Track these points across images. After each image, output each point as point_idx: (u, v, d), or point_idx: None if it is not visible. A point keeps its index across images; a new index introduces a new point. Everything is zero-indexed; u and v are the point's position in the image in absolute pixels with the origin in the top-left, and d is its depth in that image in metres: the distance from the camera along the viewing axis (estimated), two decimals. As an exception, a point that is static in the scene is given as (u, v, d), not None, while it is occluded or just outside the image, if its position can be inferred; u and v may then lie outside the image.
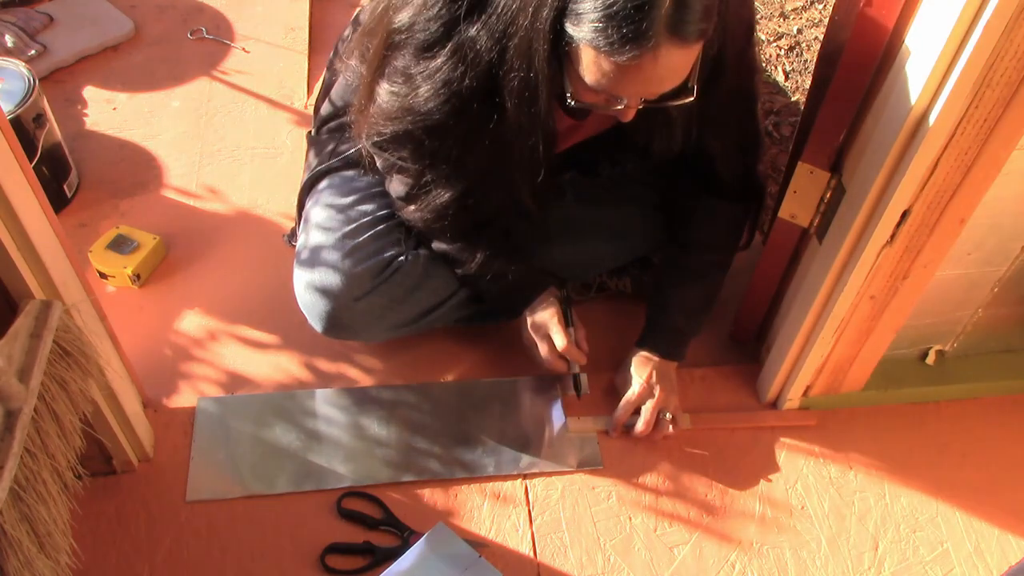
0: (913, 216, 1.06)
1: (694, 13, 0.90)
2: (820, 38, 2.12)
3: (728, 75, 1.11)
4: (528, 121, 1.04)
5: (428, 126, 1.09)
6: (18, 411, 0.89)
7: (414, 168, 1.18)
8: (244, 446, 1.31)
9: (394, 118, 1.11)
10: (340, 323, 1.29)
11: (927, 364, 1.42)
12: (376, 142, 1.17)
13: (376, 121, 1.14)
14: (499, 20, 0.97)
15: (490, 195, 1.19)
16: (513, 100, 1.03)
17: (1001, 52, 0.88)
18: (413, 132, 1.11)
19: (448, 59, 1.03)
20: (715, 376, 1.44)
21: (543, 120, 1.05)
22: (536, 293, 1.32)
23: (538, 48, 0.96)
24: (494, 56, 1.00)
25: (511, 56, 0.99)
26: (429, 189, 1.18)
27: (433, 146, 1.12)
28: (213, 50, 2.02)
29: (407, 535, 1.22)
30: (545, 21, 0.93)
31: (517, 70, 0.99)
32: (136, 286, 1.52)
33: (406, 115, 1.09)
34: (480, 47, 1.00)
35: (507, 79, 1.01)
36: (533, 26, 0.95)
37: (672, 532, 1.26)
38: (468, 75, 1.02)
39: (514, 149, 1.09)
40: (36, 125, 1.54)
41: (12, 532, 0.86)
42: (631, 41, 0.89)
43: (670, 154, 1.20)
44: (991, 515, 1.30)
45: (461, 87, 1.04)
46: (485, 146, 1.10)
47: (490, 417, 1.36)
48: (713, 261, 1.36)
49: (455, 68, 1.03)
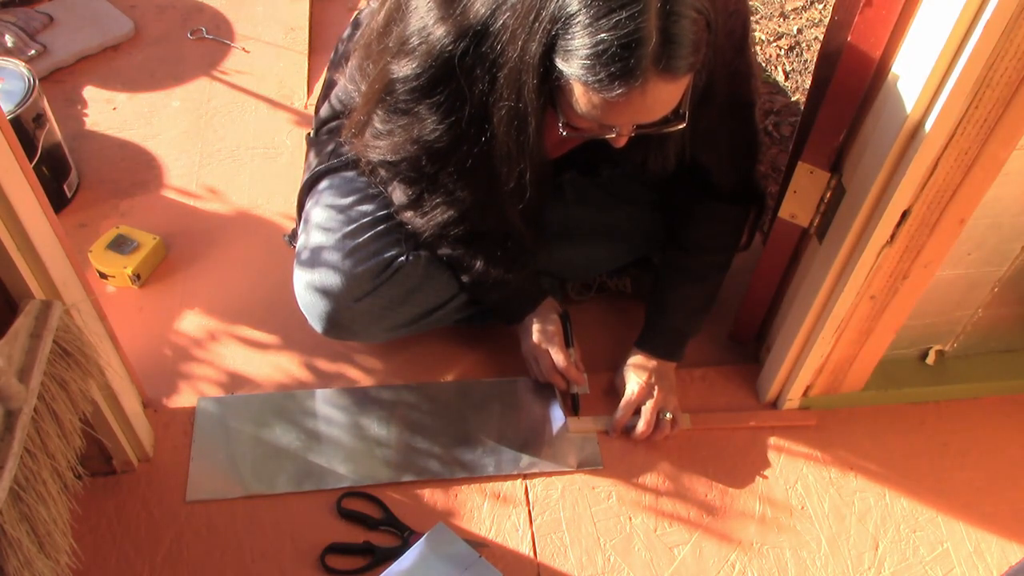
0: (913, 216, 1.06)
1: (682, 49, 0.90)
2: (820, 38, 2.12)
3: (719, 93, 1.11)
4: (516, 149, 1.06)
5: (431, 153, 1.11)
6: (18, 411, 0.89)
7: (414, 182, 1.19)
8: (244, 446, 1.31)
9: (400, 146, 1.13)
10: (340, 323, 1.29)
11: (927, 364, 1.42)
12: (379, 163, 1.19)
13: (378, 148, 1.16)
14: (491, 50, 0.98)
15: (487, 215, 1.20)
16: (502, 128, 1.04)
17: (1001, 52, 0.88)
18: (416, 157, 1.13)
19: (451, 94, 1.04)
20: (715, 376, 1.44)
21: (531, 148, 1.06)
22: (535, 303, 1.34)
23: (527, 81, 0.97)
24: (486, 85, 1.01)
25: (500, 86, 1.00)
26: (428, 201, 1.20)
27: (434, 168, 1.15)
28: (213, 50, 2.02)
29: (407, 535, 1.22)
30: (534, 56, 0.94)
31: (506, 99, 1.00)
32: (136, 286, 1.52)
33: (411, 145, 1.12)
34: (475, 75, 1.01)
35: (496, 107, 1.02)
36: (522, 59, 0.95)
37: (672, 532, 1.26)
38: (467, 104, 1.04)
39: (502, 175, 1.10)
40: (36, 125, 1.54)
41: (12, 532, 0.86)
42: (619, 79, 0.90)
43: (665, 173, 1.20)
44: (991, 515, 1.30)
45: (462, 115, 1.05)
46: (480, 169, 1.11)
47: (490, 417, 1.36)
48: (712, 262, 1.36)
49: (455, 99, 1.04)
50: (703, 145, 1.19)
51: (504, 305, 1.36)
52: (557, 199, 1.36)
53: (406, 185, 1.21)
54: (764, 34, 2.18)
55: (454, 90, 1.04)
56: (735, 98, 1.18)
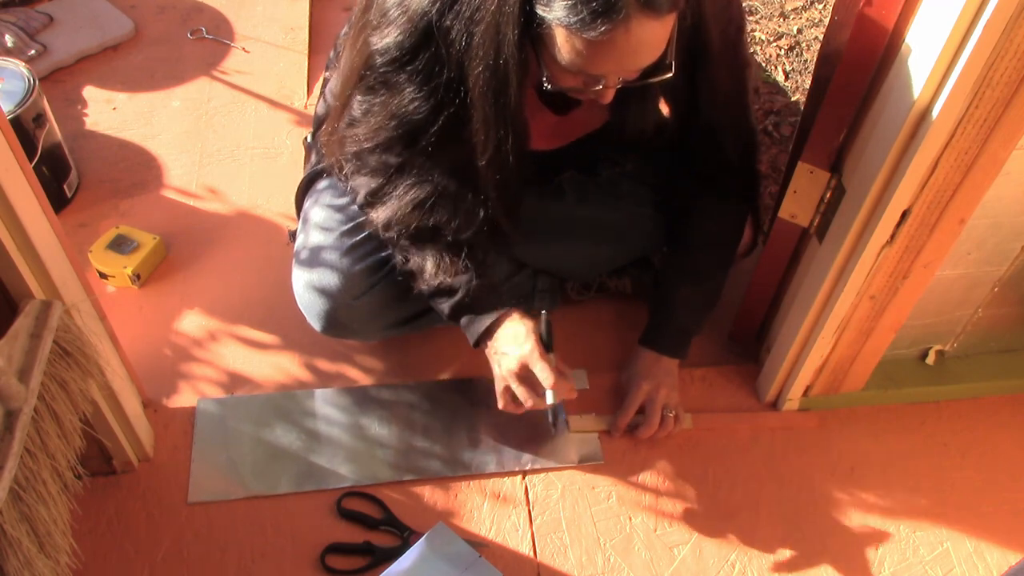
0: (913, 216, 1.06)
1: None
2: (820, 38, 2.12)
3: (712, 42, 1.09)
4: (495, 112, 1.02)
5: (411, 127, 1.08)
6: (18, 411, 0.89)
7: (382, 171, 1.15)
8: (244, 446, 1.31)
9: (378, 128, 1.10)
10: (339, 322, 1.29)
11: (927, 364, 1.42)
12: (356, 152, 1.16)
13: (354, 136, 1.13)
14: (467, 7, 0.96)
15: (460, 198, 1.15)
16: (479, 90, 1.01)
17: (1001, 52, 0.88)
18: (390, 139, 1.10)
19: (430, 58, 1.02)
20: (715, 376, 1.44)
21: (513, 111, 1.02)
22: (492, 314, 1.20)
23: (507, 33, 0.95)
24: (463, 44, 0.99)
25: (477, 43, 0.97)
26: (396, 186, 1.15)
27: (408, 150, 1.11)
28: (213, 50, 2.02)
29: (407, 535, 1.22)
30: (514, 5, 0.93)
31: (483, 58, 0.98)
32: (136, 286, 1.52)
33: (390, 121, 1.08)
34: (452, 36, 0.99)
35: (473, 68, 0.99)
36: (501, 11, 0.93)
37: (672, 532, 1.26)
38: (446, 68, 1.02)
39: (479, 144, 1.06)
40: (36, 125, 1.54)
41: (12, 532, 0.86)
42: (602, 15, 0.89)
43: (643, 136, 1.18)
44: (991, 515, 1.30)
45: (440, 81, 1.03)
46: (456, 144, 1.08)
47: (490, 415, 1.36)
48: (715, 259, 1.36)
49: (434, 64, 1.02)
50: (711, 102, 1.18)
51: (459, 316, 1.22)
52: (557, 199, 1.36)
53: (372, 175, 1.16)
54: (764, 34, 2.18)
55: (432, 54, 1.01)
56: (729, 48, 1.16)
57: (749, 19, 2.22)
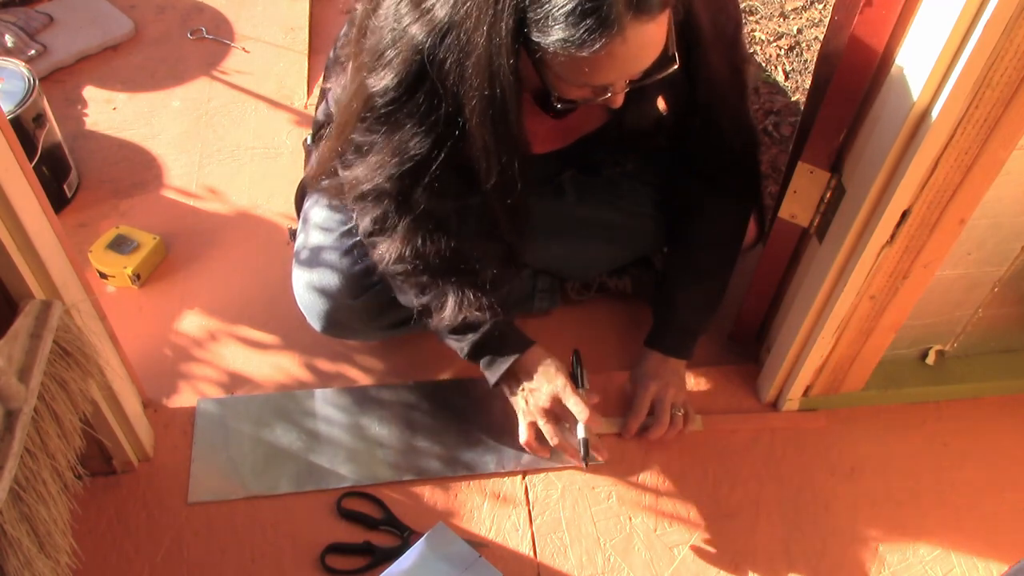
0: (913, 216, 1.06)
1: None
2: (820, 38, 2.12)
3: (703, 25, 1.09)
4: (494, 139, 1.02)
5: (415, 162, 1.08)
6: (18, 411, 0.89)
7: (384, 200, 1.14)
8: (244, 447, 1.31)
9: (381, 165, 1.09)
10: (339, 322, 1.29)
11: (927, 364, 1.42)
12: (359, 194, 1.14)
13: (357, 176, 1.12)
14: (457, 40, 0.96)
15: (465, 224, 1.15)
16: (475, 119, 1.01)
17: (1001, 52, 0.88)
18: (391, 177, 1.10)
19: (427, 93, 1.02)
20: (715, 376, 1.44)
21: (513, 135, 1.03)
22: (515, 351, 1.21)
23: (501, 64, 0.95)
24: (457, 77, 0.99)
25: (470, 75, 0.97)
26: (404, 221, 1.14)
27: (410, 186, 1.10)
28: (213, 50, 2.02)
29: (407, 535, 1.22)
30: (505, 36, 0.92)
31: (478, 88, 0.98)
32: (136, 286, 1.52)
33: (393, 157, 1.08)
34: (446, 69, 0.99)
35: (468, 99, 1.00)
36: (491, 43, 0.93)
37: (672, 532, 1.26)
38: (443, 102, 1.02)
39: (482, 172, 1.07)
40: (36, 125, 1.54)
41: (12, 532, 0.86)
42: (596, 32, 0.89)
43: (640, 130, 1.18)
44: (991, 515, 1.30)
45: (439, 115, 1.03)
46: (458, 173, 1.08)
47: (491, 415, 1.36)
48: (717, 258, 1.36)
49: (432, 97, 1.02)
50: (706, 97, 1.18)
51: (480, 354, 1.22)
52: (557, 199, 1.36)
53: (376, 209, 1.15)
54: (764, 34, 2.18)
55: (430, 89, 1.01)
56: (722, 37, 1.16)
57: (749, 19, 2.22)
